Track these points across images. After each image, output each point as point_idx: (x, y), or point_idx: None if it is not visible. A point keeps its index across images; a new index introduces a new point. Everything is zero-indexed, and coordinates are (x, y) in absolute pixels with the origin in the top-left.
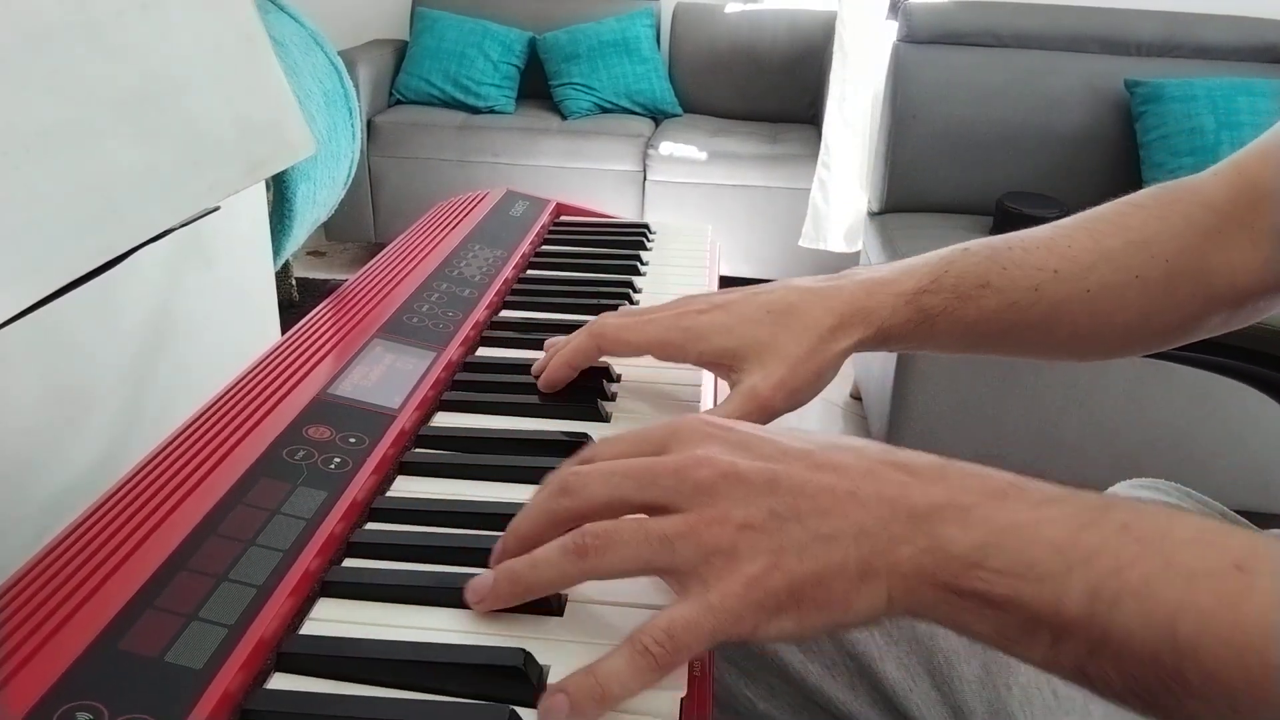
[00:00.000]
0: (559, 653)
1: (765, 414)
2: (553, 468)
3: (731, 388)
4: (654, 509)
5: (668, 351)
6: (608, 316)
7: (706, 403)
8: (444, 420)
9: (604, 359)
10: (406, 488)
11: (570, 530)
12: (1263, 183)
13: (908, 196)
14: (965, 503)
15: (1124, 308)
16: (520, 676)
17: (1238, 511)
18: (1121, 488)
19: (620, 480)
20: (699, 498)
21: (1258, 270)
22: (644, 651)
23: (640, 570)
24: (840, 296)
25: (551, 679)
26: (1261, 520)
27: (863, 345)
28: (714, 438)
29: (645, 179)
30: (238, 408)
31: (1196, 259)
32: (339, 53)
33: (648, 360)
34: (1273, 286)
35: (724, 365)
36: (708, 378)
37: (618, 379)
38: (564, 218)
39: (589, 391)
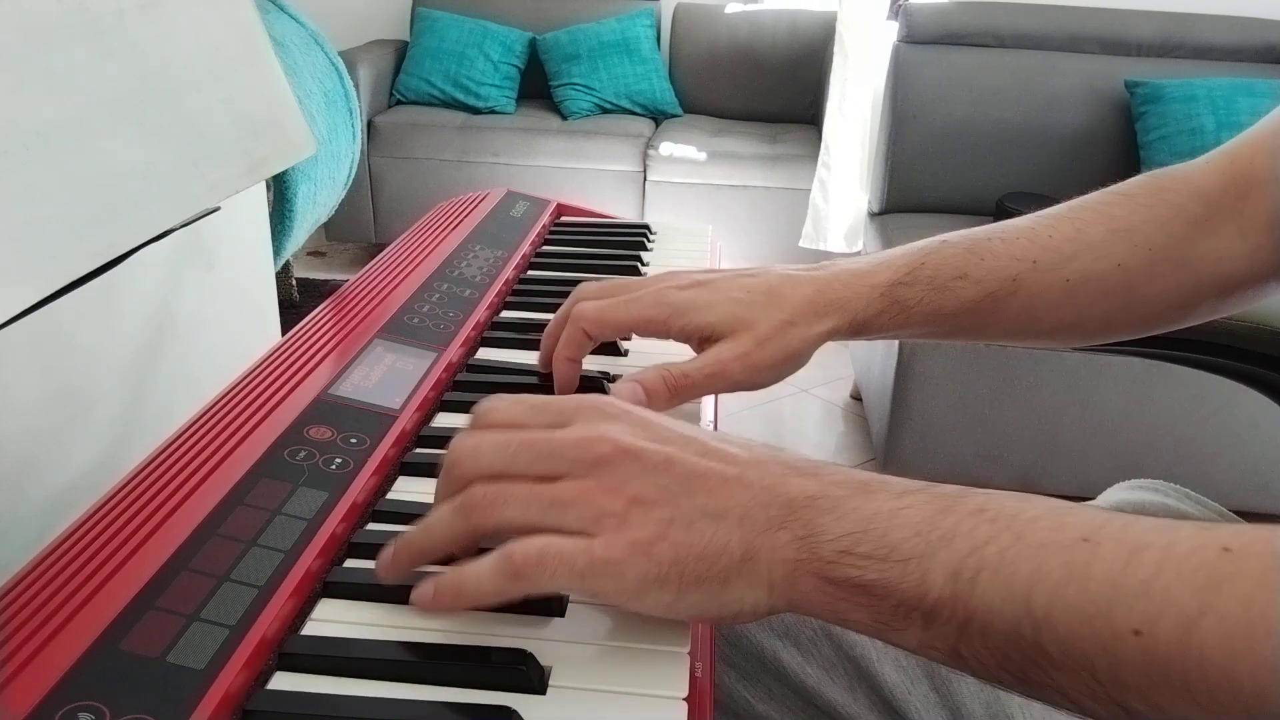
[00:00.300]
0: (560, 653)
1: (723, 380)
2: None
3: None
4: (546, 479)
5: (651, 328)
6: (585, 300)
7: (707, 403)
8: (445, 421)
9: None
10: (408, 488)
11: None
12: (1254, 171)
13: (908, 196)
14: (836, 494)
15: (1105, 296)
16: (521, 677)
17: (1237, 512)
18: (1121, 488)
19: (515, 450)
20: (596, 470)
21: (1245, 259)
22: (509, 560)
23: (529, 528)
24: (817, 285)
25: (552, 679)
26: (1261, 520)
27: (836, 334)
28: (615, 418)
29: (645, 179)
30: (238, 408)
31: (1182, 248)
32: (339, 53)
33: (653, 342)
34: (1261, 275)
35: (702, 339)
36: None
37: (614, 380)
38: (564, 218)
39: (588, 392)
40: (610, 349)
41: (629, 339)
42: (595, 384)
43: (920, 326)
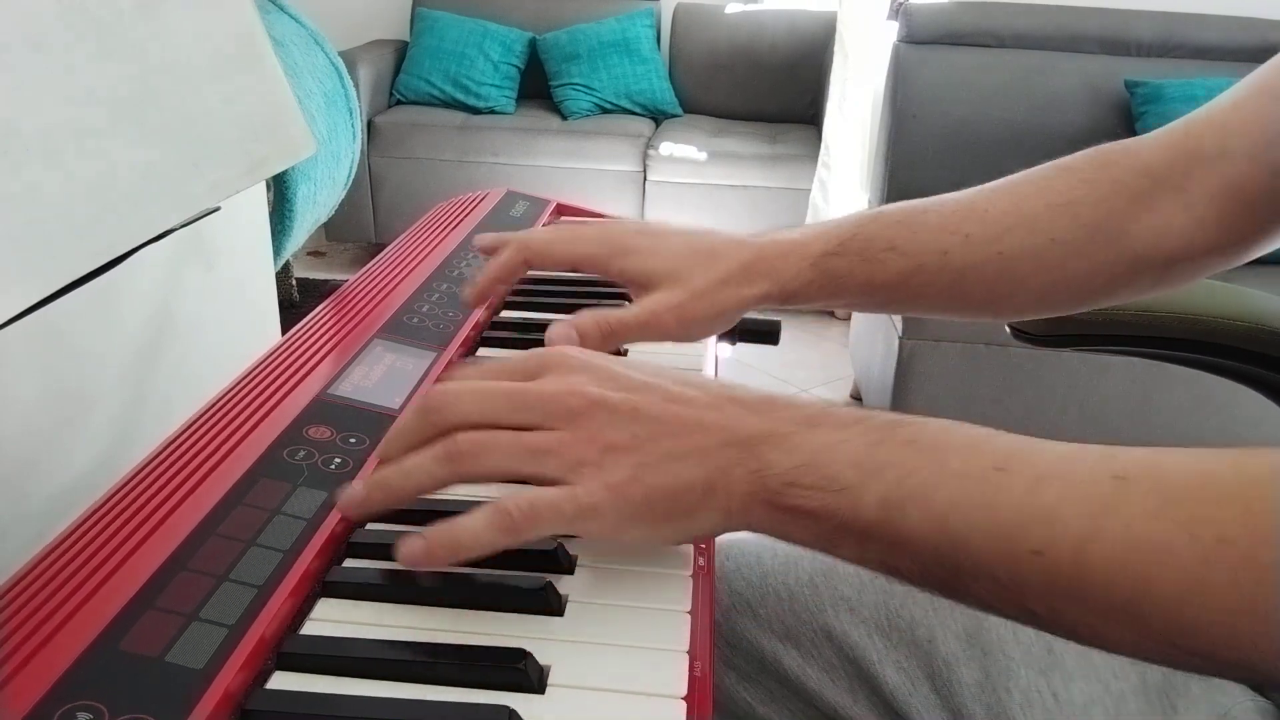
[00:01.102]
0: (559, 653)
1: (655, 330)
2: None
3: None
4: (523, 430)
5: (594, 264)
6: (535, 231)
7: None
8: None
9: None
10: None
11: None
12: (1202, 147)
13: (908, 196)
14: (784, 431)
15: (1040, 270)
16: (520, 676)
17: None
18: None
19: (494, 399)
20: (571, 421)
21: (1188, 233)
22: (504, 513)
23: (510, 475)
24: (754, 250)
25: (551, 679)
26: None
27: (768, 300)
28: (582, 369)
29: (645, 179)
30: (238, 408)
31: (1120, 221)
32: (339, 53)
33: (650, 347)
34: (1201, 250)
35: (639, 284)
36: (709, 365)
37: None
38: (564, 218)
39: None
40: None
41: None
42: None
43: (852, 296)
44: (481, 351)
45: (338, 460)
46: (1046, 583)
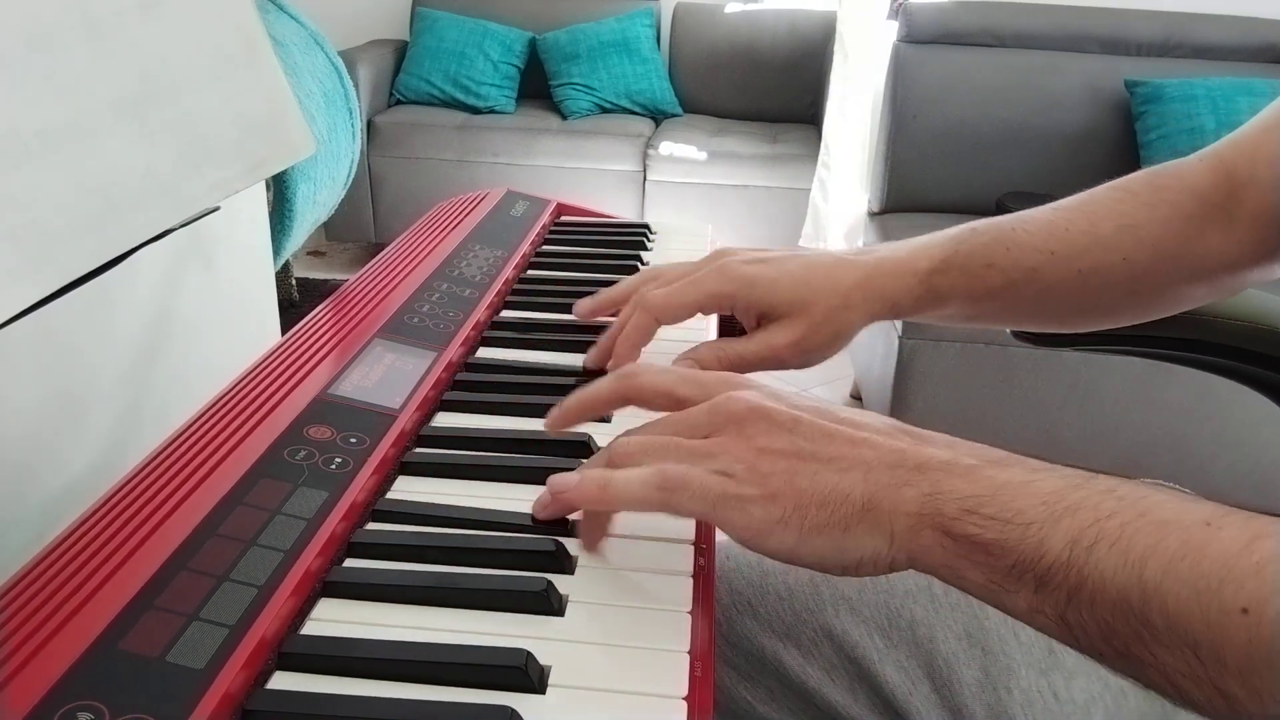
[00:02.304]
0: (560, 653)
1: (773, 363)
2: (553, 468)
3: (749, 332)
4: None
5: (718, 303)
6: (646, 286)
7: None
8: (445, 420)
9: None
10: (407, 488)
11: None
12: (1238, 172)
13: (908, 196)
14: (968, 463)
15: (1111, 287)
16: (521, 676)
17: None
18: None
19: (666, 428)
20: (731, 426)
21: (1233, 251)
22: (661, 473)
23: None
24: (863, 270)
25: (552, 679)
26: None
27: (879, 317)
28: (751, 388)
29: (645, 179)
30: (238, 408)
31: (1180, 243)
32: (339, 53)
33: (655, 342)
34: (1243, 265)
35: (762, 316)
36: None
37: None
38: (564, 218)
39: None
40: None
41: None
42: (581, 447)
43: (950, 310)
44: (481, 351)
45: (338, 460)
46: (1249, 647)
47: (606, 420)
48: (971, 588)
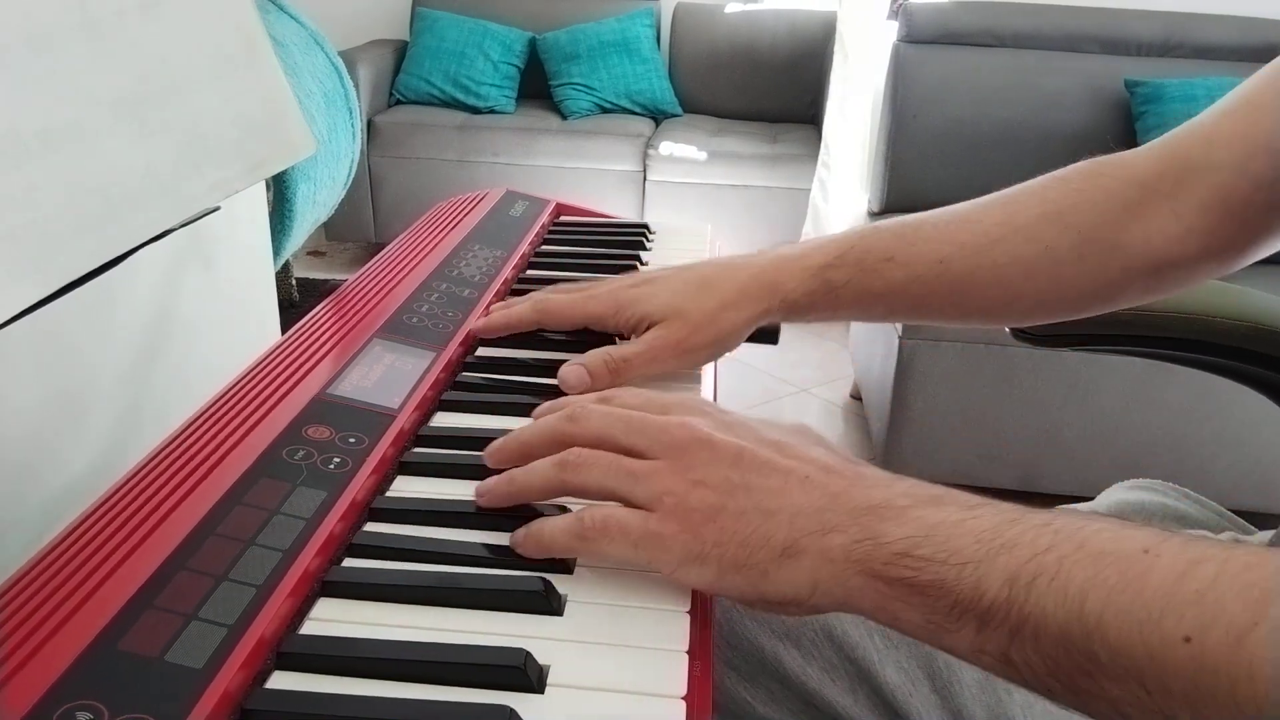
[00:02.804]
0: (559, 653)
1: (657, 363)
2: None
3: None
4: (633, 454)
5: (599, 322)
6: (551, 293)
7: (706, 395)
8: (444, 420)
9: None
10: (406, 488)
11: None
12: (1192, 157)
13: (908, 196)
14: (902, 504)
15: (1033, 278)
16: (520, 676)
17: (1236, 512)
18: (1121, 488)
19: (614, 422)
20: (672, 452)
21: (1178, 241)
22: (580, 522)
23: (605, 493)
24: (751, 270)
25: (551, 679)
26: (1261, 520)
27: (768, 315)
28: (706, 414)
29: (645, 179)
30: (238, 408)
31: (1112, 230)
32: (339, 53)
33: None
34: (1191, 258)
35: (641, 330)
36: (706, 376)
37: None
38: (564, 218)
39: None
40: None
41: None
42: None
43: (851, 308)
44: (481, 351)
45: (337, 460)
46: (1195, 675)
47: None
48: (910, 629)
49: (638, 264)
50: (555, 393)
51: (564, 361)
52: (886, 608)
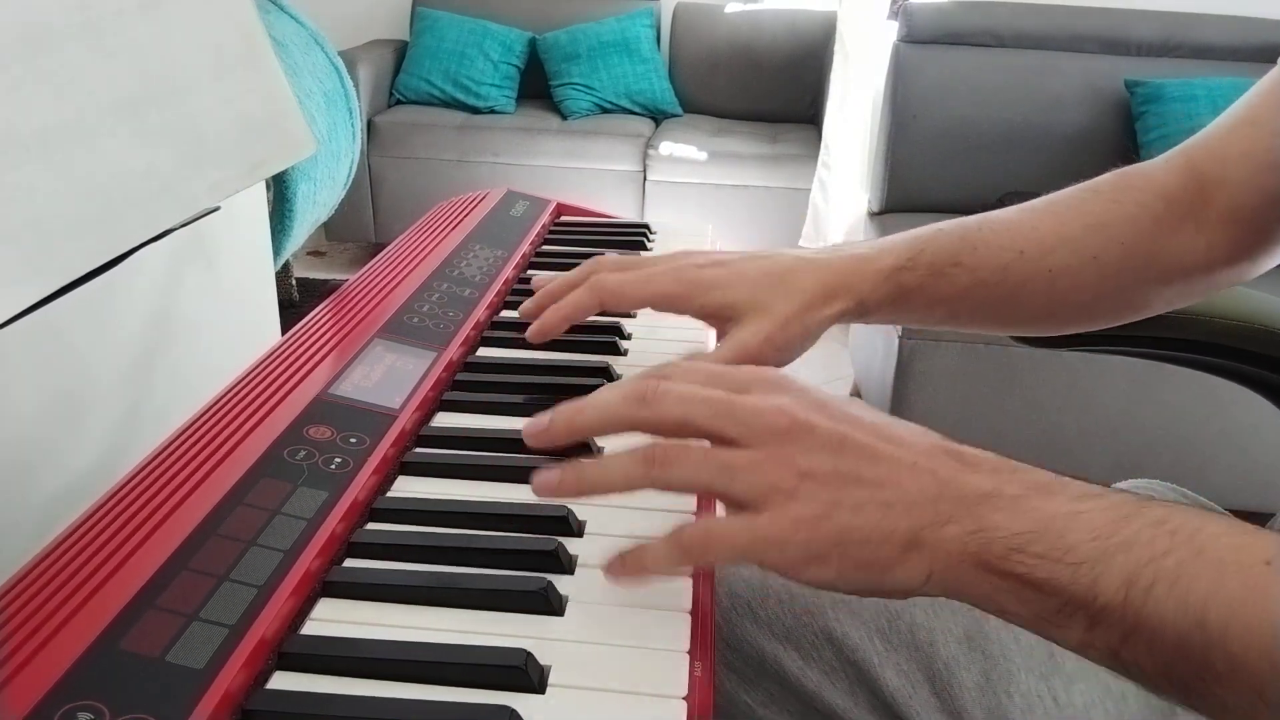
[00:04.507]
0: (559, 653)
1: (748, 364)
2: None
3: (721, 338)
4: (720, 440)
5: (671, 304)
6: (606, 270)
7: None
8: (445, 420)
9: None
10: (407, 488)
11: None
12: (1208, 174)
13: (908, 196)
14: (1012, 493)
15: (1080, 287)
16: (520, 676)
17: (1237, 512)
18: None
19: (698, 405)
20: (770, 439)
21: (1202, 252)
22: (679, 543)
23: (699, 489)
24: (830, 268)
25: (551, 679)
26: (1261, 520)
27: (844, 316)
28: (791, 391)
29: (645, 179)
30: (238, 408)
31: (1148, 242)
32: (339, 53)
33: (650, 342)
34: (1215, 267)
35: (722, 318)
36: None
37: (617, 378)
38: (564, 218)
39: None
40: (610, 349)
41: (628, 338)
42: (583, 449)
43: (918, 311)
44: (481, 351)
45: (338, 460)
46: None
47: None
48: (1016, 620)
49: None
50: (556, 392)
51: (563, 361)
52: (995, 599)
